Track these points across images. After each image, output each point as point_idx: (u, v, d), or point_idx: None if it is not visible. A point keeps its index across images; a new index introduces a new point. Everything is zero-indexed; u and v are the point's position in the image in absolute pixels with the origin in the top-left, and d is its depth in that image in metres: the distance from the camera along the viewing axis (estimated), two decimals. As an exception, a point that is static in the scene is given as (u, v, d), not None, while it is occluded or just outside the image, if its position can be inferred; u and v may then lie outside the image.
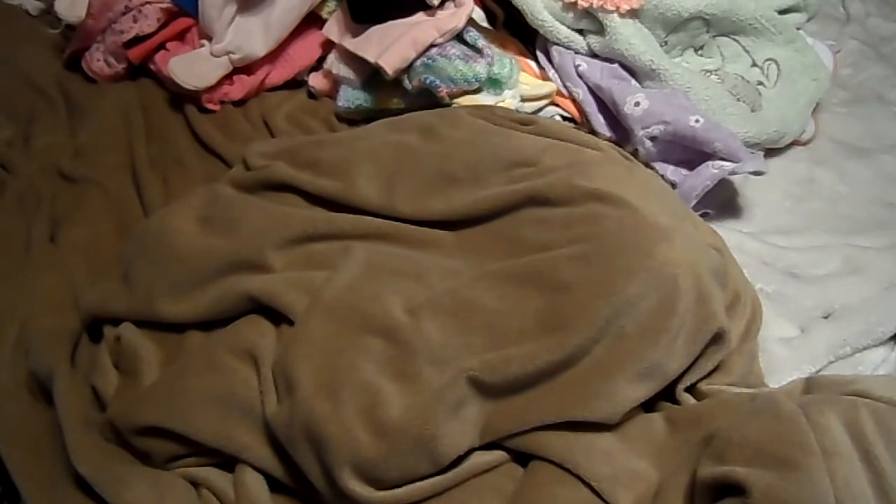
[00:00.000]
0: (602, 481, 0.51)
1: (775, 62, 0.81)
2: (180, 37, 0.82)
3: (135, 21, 0.79)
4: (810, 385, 0.55)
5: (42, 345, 0.58)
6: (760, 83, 0.80)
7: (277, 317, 0.56)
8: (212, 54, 0.78)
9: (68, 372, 0.56)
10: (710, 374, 0.58)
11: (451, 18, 0.74)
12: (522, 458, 0.54)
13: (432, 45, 0.73)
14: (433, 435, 0.48)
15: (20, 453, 0.53)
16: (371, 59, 0.73)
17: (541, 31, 0.79)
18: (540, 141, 0.65)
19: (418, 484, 0.49)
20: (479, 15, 0.77)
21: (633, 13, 0.76)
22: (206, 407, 0.52)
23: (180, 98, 0.80)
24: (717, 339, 0.56)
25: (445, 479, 0.50)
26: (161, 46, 0.81)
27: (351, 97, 0.77)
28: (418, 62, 0.73)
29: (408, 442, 0.48)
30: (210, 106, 0.79)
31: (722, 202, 0.72)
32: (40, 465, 0.53)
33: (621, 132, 0.75)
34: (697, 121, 0.69)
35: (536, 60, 0.81)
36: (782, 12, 0.84)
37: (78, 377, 0.56)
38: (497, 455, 0.53)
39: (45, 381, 0.55)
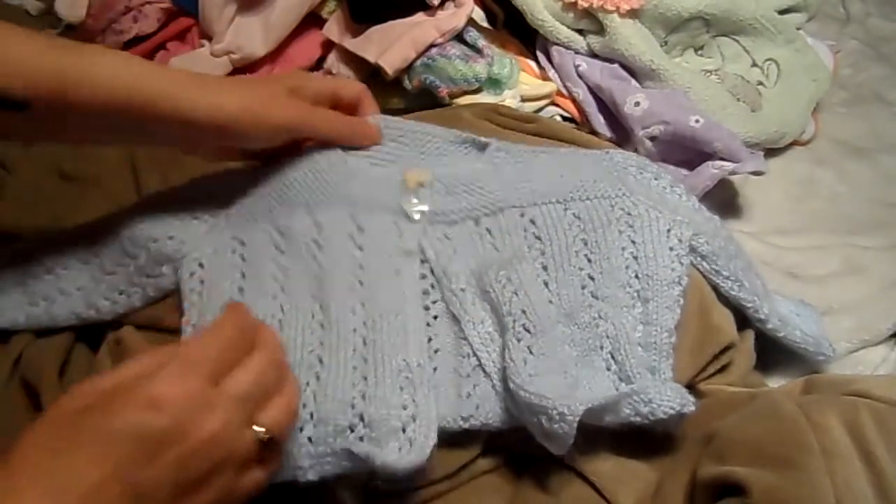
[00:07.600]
0: (604, 478, 0.51)
1: (775, 62, 0.81)
2: (180, 37, 0.82)
3: (135, 21, 0.79)
4: (810, 385, 0.55)
5: (32, 352, 0.58)
6: (760, 83, 0.80)
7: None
8: (212, 54, 0.78)
9: (55, 382, 0.55)
10: (710, 375, 0.58)
11: (451, 18, 0.74)
12: (521, 460, 0.54)
13: (432, 45, 0.73)
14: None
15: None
16: (371, 59, 0.73)
17: (541, 31, 0.79)
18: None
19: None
20: (479, 15, 0.77)
21: (634, 13, 0.76)
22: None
23: (180, 98, 0.79)
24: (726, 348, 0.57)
25: (447, 484, 0.51)
26: (161, 46, 0.81)
27: (351, 97, 0.77)
28: (418, 62, 0.73)
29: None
30: (210, 106, 0.79)
31: (722, 202, 0.72)
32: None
33: (621, 132, 0.75)
34: (697, 121, 0.69)
35: (536, 60, 0.81)
36: (782, 12, 0.84)
37: (70, 384, 0.56)
38: (497, 457, 0.53)
39: (35, 389, 0.55)
